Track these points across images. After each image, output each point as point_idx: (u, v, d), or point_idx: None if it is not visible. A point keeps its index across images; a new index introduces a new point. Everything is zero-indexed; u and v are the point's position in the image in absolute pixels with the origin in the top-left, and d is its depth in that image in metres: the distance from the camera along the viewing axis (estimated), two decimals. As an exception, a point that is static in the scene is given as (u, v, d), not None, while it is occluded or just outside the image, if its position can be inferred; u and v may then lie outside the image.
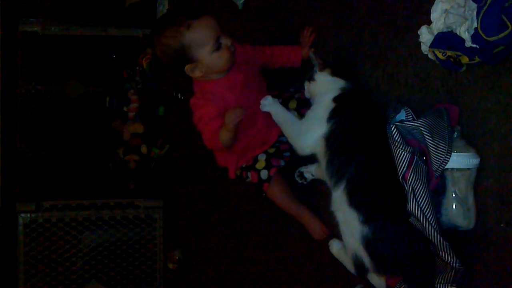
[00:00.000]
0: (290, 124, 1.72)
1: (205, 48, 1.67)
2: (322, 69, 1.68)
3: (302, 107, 1.89)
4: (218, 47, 1.68)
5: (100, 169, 4.22)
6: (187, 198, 3.29)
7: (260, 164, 1.91)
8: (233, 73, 1.78)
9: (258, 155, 1.92)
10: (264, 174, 1.89)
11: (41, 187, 3.84)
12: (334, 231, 1.56)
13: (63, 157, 4.24)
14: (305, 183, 1.90)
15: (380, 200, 1.42)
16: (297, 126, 1.70)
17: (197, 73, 1.73)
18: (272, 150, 1.93)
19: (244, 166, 1.96)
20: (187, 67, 1.71)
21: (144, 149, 3.82)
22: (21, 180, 3.72)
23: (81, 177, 4.12)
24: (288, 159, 1.95)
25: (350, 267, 1.56)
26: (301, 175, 1.90)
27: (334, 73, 1.66)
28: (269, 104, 1.76)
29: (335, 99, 1.61)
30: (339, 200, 1.49)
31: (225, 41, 1.70)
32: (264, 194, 1.90)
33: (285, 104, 1.90)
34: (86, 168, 4.23)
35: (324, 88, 1.66)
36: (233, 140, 1.76)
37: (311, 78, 1.71)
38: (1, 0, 3.49)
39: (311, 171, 1.87)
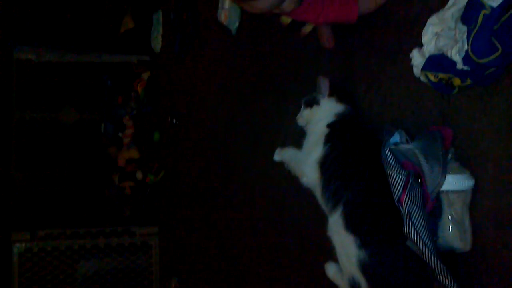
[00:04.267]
0: (293, 158, 1.73)
1: None
2: (330, 94, 1.67)
3: None
4: None
5: (96, 196, 4.21)
6: (183, 224, 3.27)
7: None
8: None
9: None
10: None
11: (36, 215, 3.82)
12: (331, 255, 1.54)
13: (58, 184, 4.22)
14: None
15: (376, 224, 1.41)
16: (298, 156, 1.71)
17: None
18: None
19: None
20: None
21: (139, 175, 3.82)
22: (15, 209, 3.71)
23: (76, 204, 4.10)
24: None
25: None
26: None
27: (340, 100, 1.66)
28: (278, 154, 1.80)
29: (330, 125, 1.61)
30: (336, 224, 1.48)
31: None
32: None
33: None
34: (81, 195, 4.22)
35: (325, 113, 1.66)
36: None
37: (315, 103, 1.69)
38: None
39: None
